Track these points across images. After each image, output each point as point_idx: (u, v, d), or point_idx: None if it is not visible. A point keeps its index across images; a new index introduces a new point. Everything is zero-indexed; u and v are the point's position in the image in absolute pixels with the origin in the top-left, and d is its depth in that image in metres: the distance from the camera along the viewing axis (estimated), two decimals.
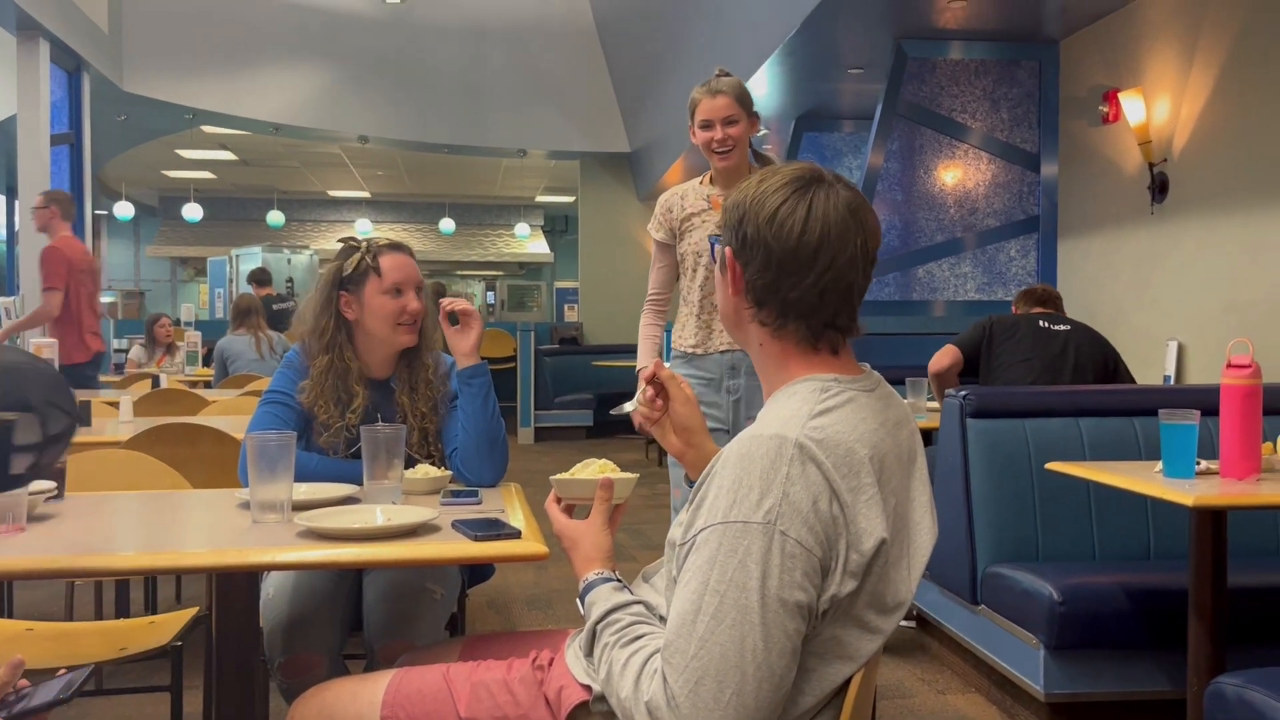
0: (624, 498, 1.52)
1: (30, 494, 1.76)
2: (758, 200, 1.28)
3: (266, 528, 1.76)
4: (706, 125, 2.89)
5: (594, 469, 1.54)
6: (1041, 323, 3.99)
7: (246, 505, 1.87)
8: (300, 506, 1.87)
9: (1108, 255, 5.48)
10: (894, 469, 1.23)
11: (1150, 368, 5.03)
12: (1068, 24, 5.66)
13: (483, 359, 2.32)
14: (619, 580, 1.38)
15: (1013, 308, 4.34)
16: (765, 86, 6.99)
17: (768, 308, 1.29)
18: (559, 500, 1.52)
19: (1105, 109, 5.42)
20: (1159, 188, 4.99)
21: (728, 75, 2.97)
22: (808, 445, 1.17)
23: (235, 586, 1.72)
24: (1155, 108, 5.02)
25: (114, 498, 2.17)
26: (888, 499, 1.20)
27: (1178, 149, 4.90)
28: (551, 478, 1.52)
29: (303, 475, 2.06)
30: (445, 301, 2.29)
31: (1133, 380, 4.02)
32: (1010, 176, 6.01)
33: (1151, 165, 5.02)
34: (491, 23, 10.85)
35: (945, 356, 4.04)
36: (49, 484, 1.92)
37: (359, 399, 2.26)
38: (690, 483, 1.61)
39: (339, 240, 2.40)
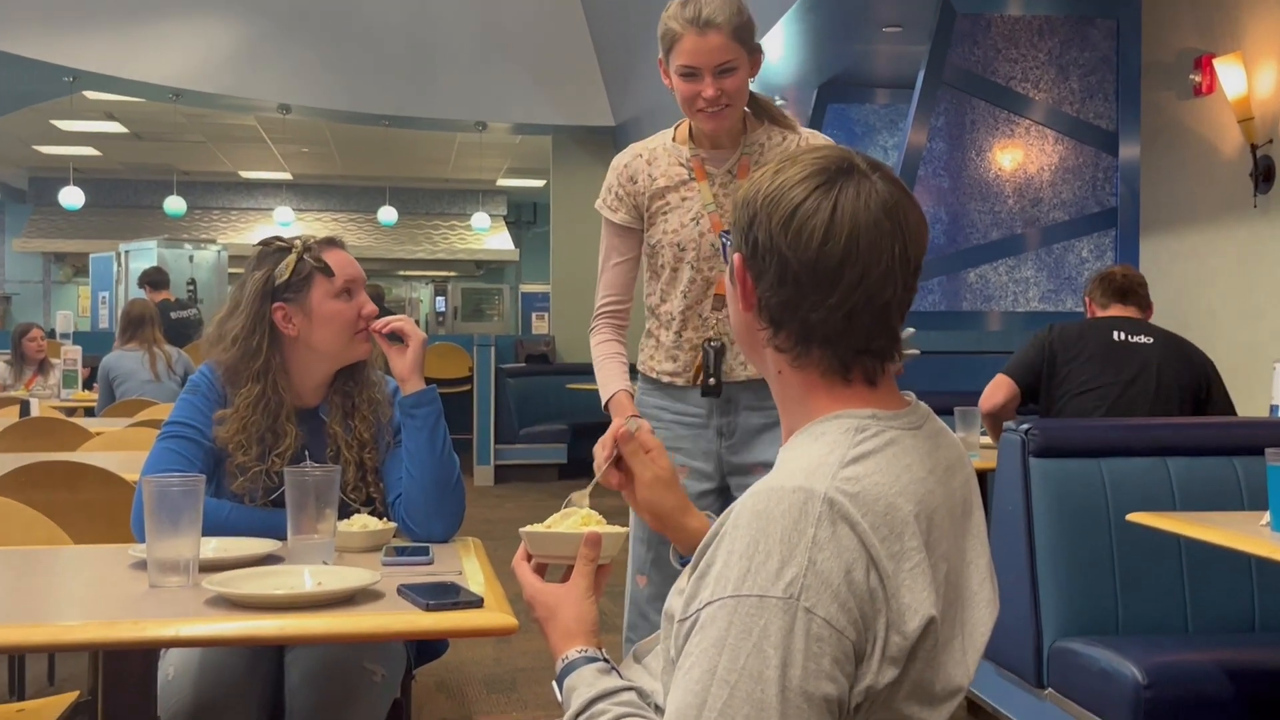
0: (611, 556, 1.51)
1: None
2: (772, 197, 1.26)
3: (167, 593, 1.77)
4: (689, 74, 2.47)
5: (575, 520, 1.53)
6: (1116, 334, 3.94)
7: (142, 565, 1.88)
8: (209, 566, 1.87)
9: (1201, 256, 5.54)
10: (945, 527, 1.23)
11: (1254, 394, 5.06)
12: None
13: (430, 381, 2.33)
14: (605, 660, 1.37)
15: (1084, 299, 4.26)
16: (782, 48, 7.05)
17: (785, 331, 1.28)
18: (529, 558, 1.52)
19: (1198, 78, 5.48)
20: (1264, 174, 5.07)
21: None
22: (840, 501, 1.16)
23: (128, 667, 1.74)
24: (1259, 77, 5.09)
25: None
26: (938, 565, 1.19)
27: None
28: (522, 530, 1.51)
29: (212, 527, 2.06)
30: (378, 323, 2.30)
31: (1232, 409, 4.03)
32: (1082, 160, 6.06)
33: (1255, 147, 5.09)
34: None
35: (997, 391, 4.00)
36: None
37: (289, 439, 2.27)
38: (682, 560, 1.61)
39: (257, 244, 2.41)
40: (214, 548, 2.00)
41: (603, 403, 2.66)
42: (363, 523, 2.17)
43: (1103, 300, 4.13)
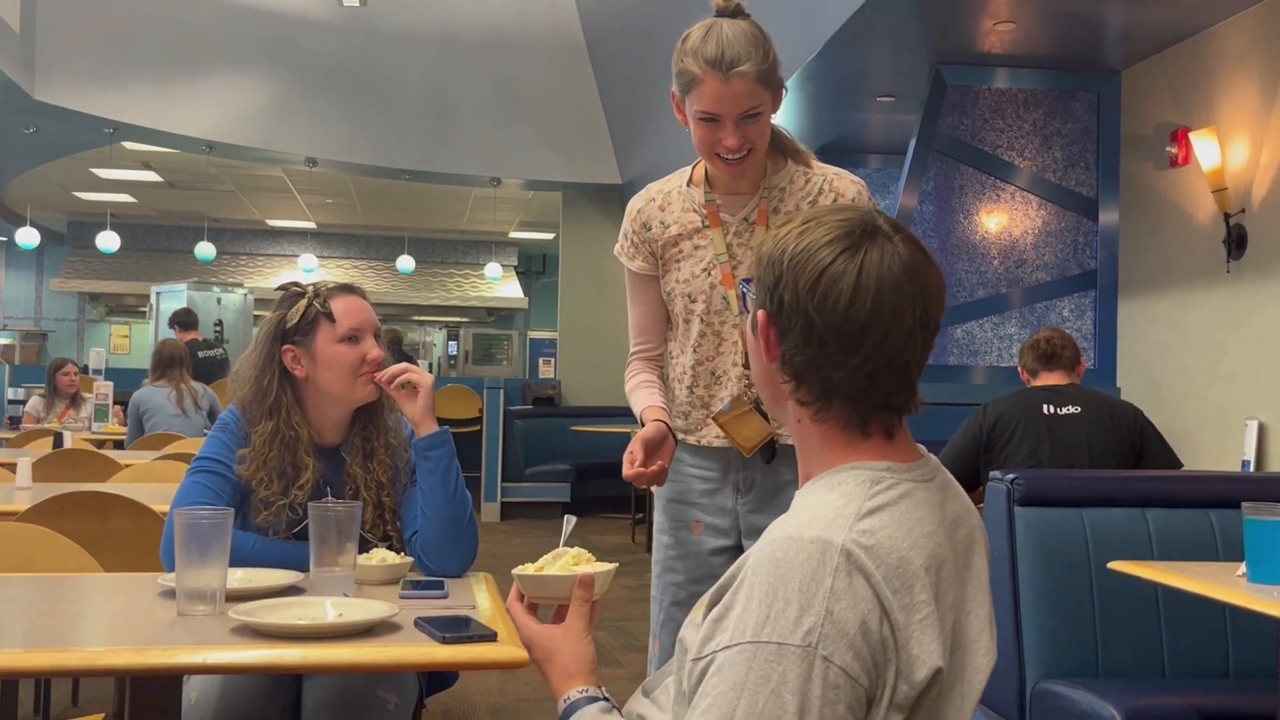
0: (602, 592, 1.50)
1: None
2: (799, 259, 1.24)
3: (194, 621, 1.76)
4: (709, 119, 2.18)
5: (566, 560, 1.51)
6: (1046, 408, 3.86)
7: (171, 593, 1.87)
8: (235, 596, 1.86)
9: (1176, 318, 5.54)
10: (951, 579, 1.22)
11: (1226, 450, 5.05)
12: (1131, 52, 5.76)
13: (441, 422, 2.31)
14: (606, 699, 1.35)
15: (1019, 369, 4.20)
16: (780, 116, 7.06)
17: (807, 386, 1.27)
18: (522, 599, 1.49)
19: (1174, 150, 5.50)
20: (1236, 242, 5.06)
21: (734, 14, 2.21)
22: (856, 554, 1.15)
23: (155, 692, 1.72)
24: (1232, 150, 5.11)
25: (14, 581, 2.15)
26: (945, 617, 1.18)
27: (1258, 198, 4.98)
28: (515, 572, 1.49)
29: (238, 559, 2.04)
30: (384, 375, 2.28)
31: (1174, 456, 3.96)
32: (1064, 224, 6.07)
33: (1227, 216, 5.09)
34: (465, 32, 10.98)
35: None
36: None
37: (308, 472, 2.26)
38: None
39: (278, 288, 2.40)
40: (239, 578, 1.98)
41: (639, 414, 2.38)
42: (381, 556, 2.16)
43: (1032, 367, 4.09)
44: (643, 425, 2.29)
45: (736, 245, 2.32)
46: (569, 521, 1.68)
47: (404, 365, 2.30)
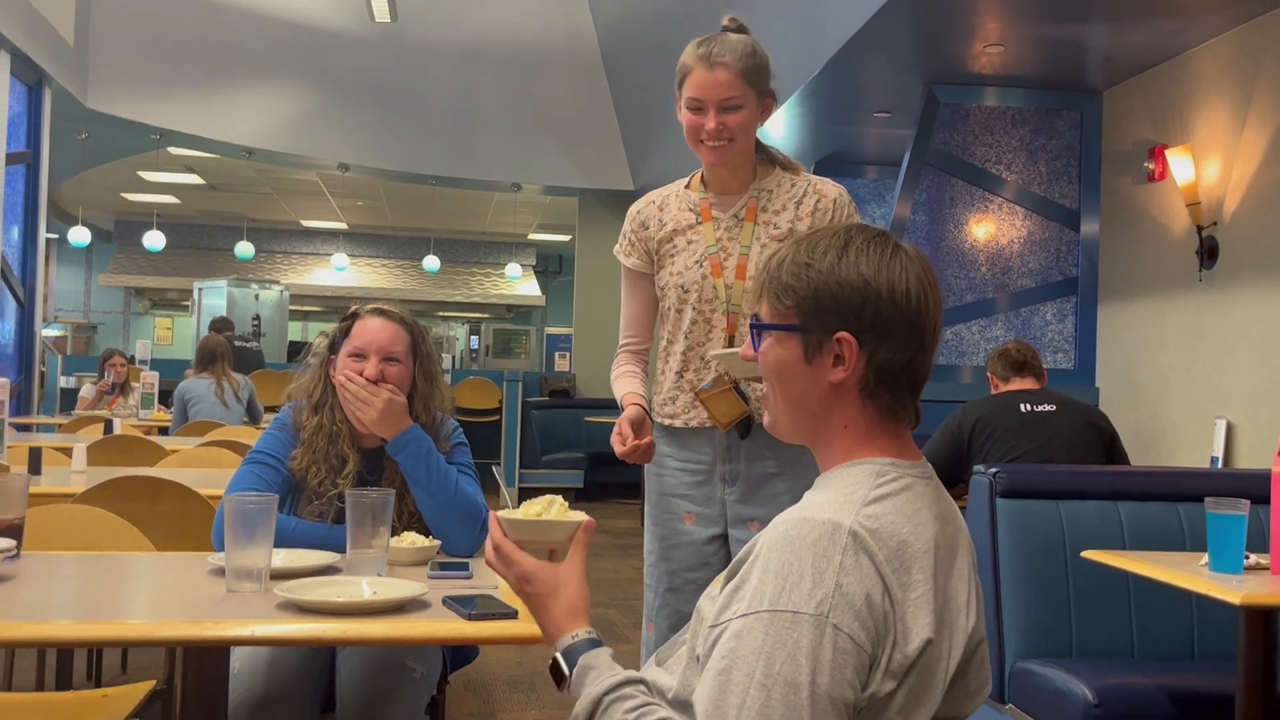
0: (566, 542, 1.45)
1: None
2: (880, 273, 1.29)
3: (242, 597, 1.79)
4: (696, 107, 2.32)
5: (556, 509, 1.46)
6: (1023, 406, 3.90)
7: (220, 571, 1.90)
8: (278, 575, 1.90)
9: (1153, 323, 5.56)
10: (943, 564, 1.26)
11: (1197, 448, 5.08)
12: (1112, 74, 5.79)
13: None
14: (611, 650, 1.37)
15: (987, 374, 4.24)
16: (784, 129, 7.12)
17: (887, 388, 1.30)
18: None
19: (1151, 166, 5.52)
20: (1208, 253, 5.08)
21: (738, 30, 2.37)
22: (862, 535, 1.20)
23: (206, 661, 1.75)
24: (1205, 167, 5.13)
25: (75, 559, 2.20)
26: (936, 597, 1.23)
27: (1228, 212, 5.00)
28: (502, 515, 1.42)
29: (282, 540, 2.09)
30: (342, 379, 2.35)
31: (1127, 460, 4.02)
32: (1048, 234, 6.10)
33: (1200, 228, 5.12)
34: (488, 46, 11.02)
35: None
36: (8, 542, 1.95)
37: (351, 463, 2.33)
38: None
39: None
40: (282, 559, 2.02)
41: (620, 401, 2.47)
42: (411, 540, 2.20)
43: (1003, 374, 4.12)
44: (623, 409, 2.39)
45: (727, 239, 2.40)
46: (500, 477, 1.70)
47: (363, 384, 2.32)
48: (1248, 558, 2.47)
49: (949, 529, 1.31)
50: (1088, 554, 2.82)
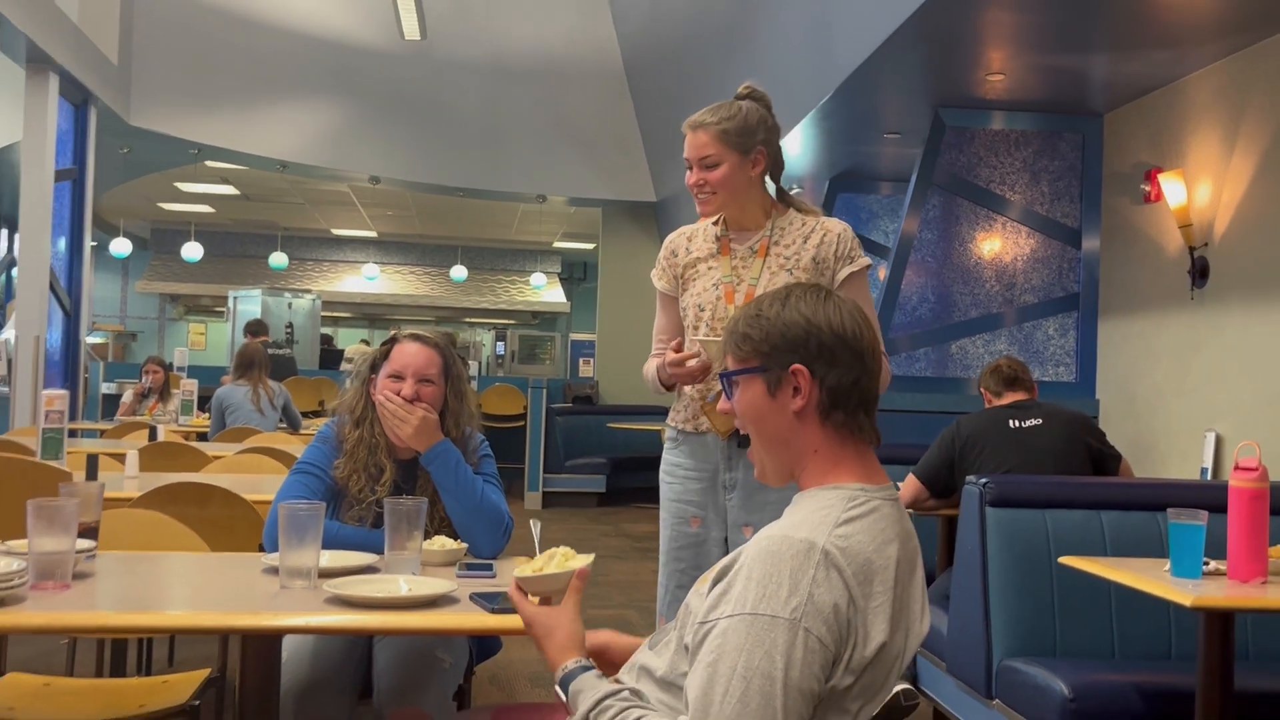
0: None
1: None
2: (817, 312, 1.53)
3: (293, 593, 2.01)
4: (687, 165, 2.67)
5: (557, 560, 1.72)
6: (1011, 421, 4.05)
7: (273, 570, 2.13)
8: (325, 573, 2.11)
9: (1148, 339, 5.71)
10: (903, 576, 1.48)
11: (1188, 459, 5.24)
12: (1113, 98, 5.94)
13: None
14: (598, 670, 1.58)
15: (979, 387, 4.40)
16: (799, 147, 7.31)
17: (841, 409, 1.53)
18: (523, 594, 1.70)
19: (1147, 188, 5.66)
20: (1199, 272, 5.23)
21: (749, 97, 2.70)
22: (833, 553, 1.41)
23: (262, 649, 1.98)
24: (1196, 190, 5.28)
25: (142, 558, 2.43)
26: (894, 605, 1.45)
27: (1218, 234, 5.15)
28: (516, 573, 1.68)
29: (326, 542, 2.32)
30: (381, 398, 2.57)
31: (1117, 456, 4.15)
32: (1050, 252, 6.26)
33: (1192, 249, 5.26)
34: (515, 62, 11.22)
35: (906, 490, 4.09)
36: (88, 543, 2.19)
37: (388, 473, 2.57)
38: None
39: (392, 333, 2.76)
40: (328, 559, 2.24)
41: (655, 374, 2.76)
42: (441, 543, 2.43)
43: (996, 389, 4.29)
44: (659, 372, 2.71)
45: (741, 268, 2.70)
46: (535, 526, 1.96)
47: (400, 403, 2.56)
48: (1207, 564, 2.67)
49: (910, 545, 1.53)
50: (1064, 560, 2.98)
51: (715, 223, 2.78)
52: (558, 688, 1.56)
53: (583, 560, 1.72)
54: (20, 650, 4.29)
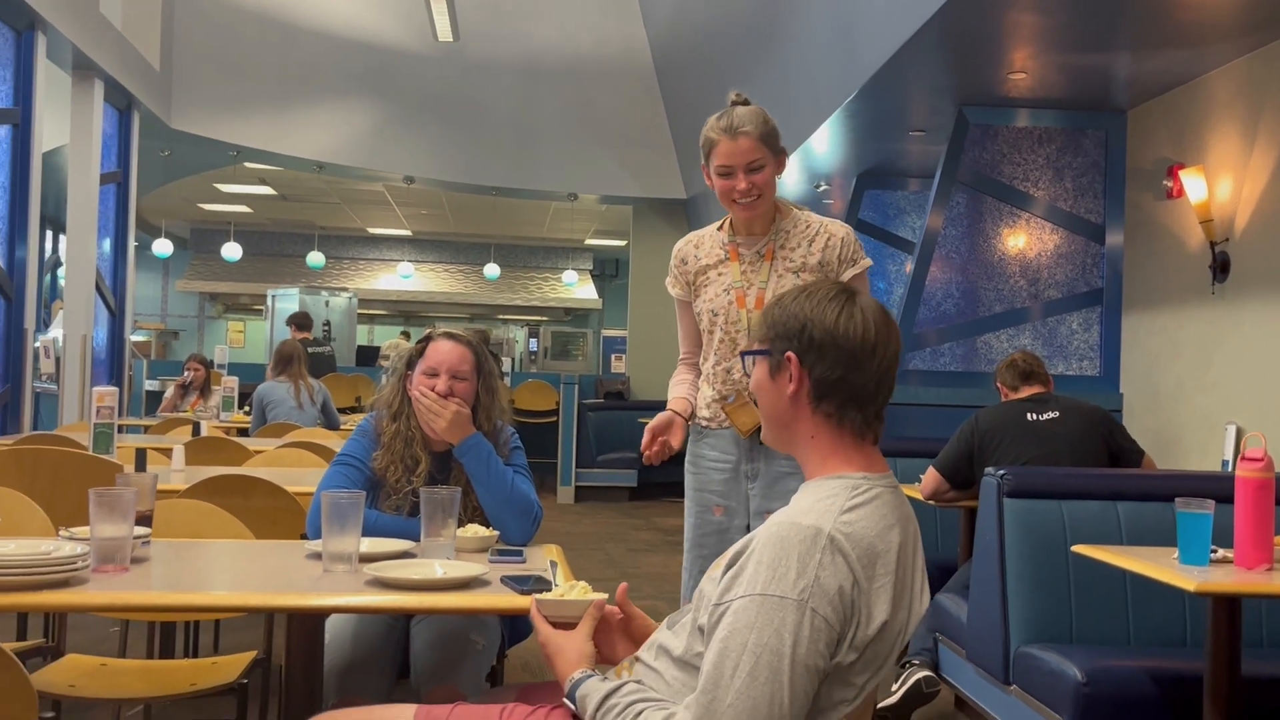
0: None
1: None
2: (817, 310, 1.64)
3: (336, 576, 2.14)
4: (726, 173, 2.70)
5: (578, 590, 1.85)
6: (1029, 415, 4.12)
7: (316, 556, 2.26)
8: (365, 558, 2.24)
9: (1171, 333, 5.76)
10: (905, 559, 1.58)
11: (1209, 452, 5.28)
12: (1136, 94, 5.97)
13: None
14: (600, 675, 1.69)
15: (996, 382, 4.48)
16: (827, 144, 7.39)
17: (830, 400, 1.63)
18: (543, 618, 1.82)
19: (1169, 184, 5.69)
20: (1220, 267, 5.26)
21: (746, 104, 2.76)
22: (838, 539, 1.51)
23: (306, 630, 2.11)
24: (1217, 186, 5.32)
25: (192, 545, 2.57)
26: (895, 586, 1.55)
27: (1239, 229, 5.19)
28: (536, 597, 1.81)
29: (365, 529, 2.44)
30: (417, 393, 2.69)
31: (1137, 445, 4.22)
32: (1074, 247, 6.30)
33: (1213, 244, 5.30)
34: (546, 62, 11.35)
35: (928, 482, 4.19)
36: (144, 530, 2.32)
37: (423, 464, 2.69)
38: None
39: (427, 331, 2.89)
40: (367, 545, 2.36)
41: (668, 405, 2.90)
42: (474, 530, 2.55)
43: (1013, 384, 4.36)
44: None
45: (750, 273, 2.82)
46: (554, 568, 2.14)
47: (435, 398, 2.67)
48: (1215, 551, 2.74)
49: (910, 528, 1.64)
50: (1077, 548, 3.06)
51: (721, 228, 2.88)
52: (566, 699, 1.67)
53: (599, 596, 1.83)
54: (76, 636, 4.46)
